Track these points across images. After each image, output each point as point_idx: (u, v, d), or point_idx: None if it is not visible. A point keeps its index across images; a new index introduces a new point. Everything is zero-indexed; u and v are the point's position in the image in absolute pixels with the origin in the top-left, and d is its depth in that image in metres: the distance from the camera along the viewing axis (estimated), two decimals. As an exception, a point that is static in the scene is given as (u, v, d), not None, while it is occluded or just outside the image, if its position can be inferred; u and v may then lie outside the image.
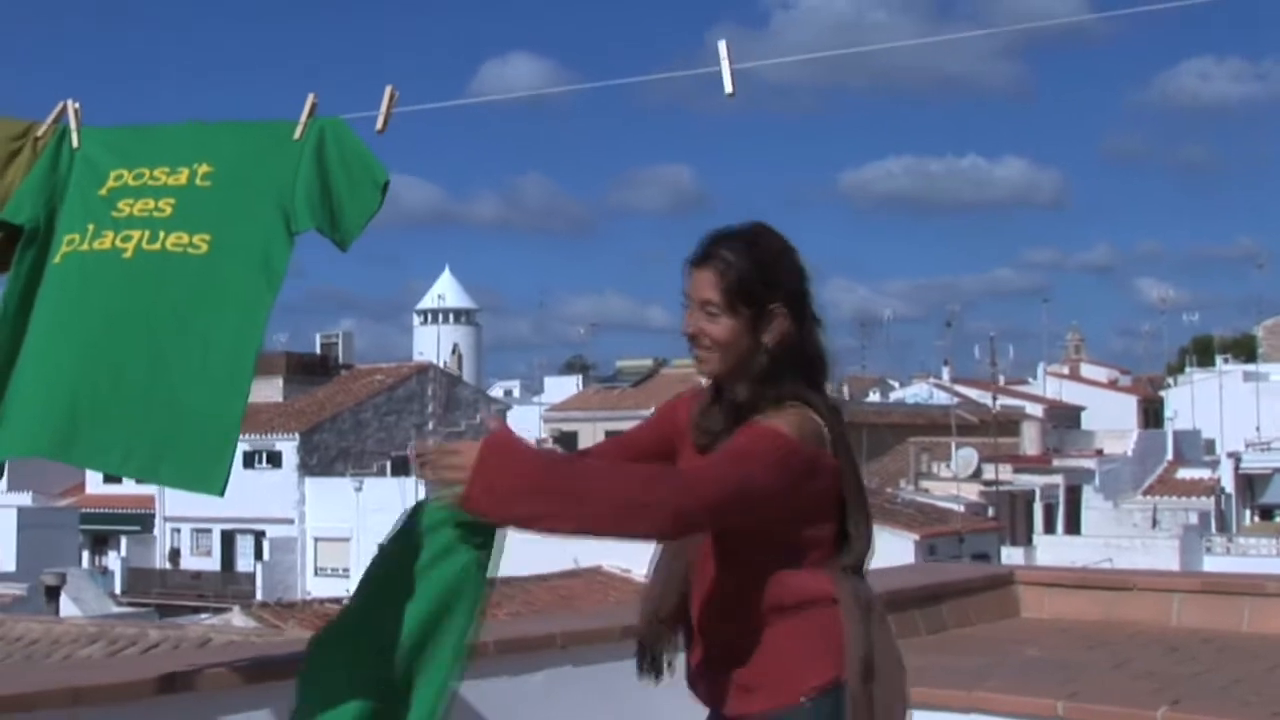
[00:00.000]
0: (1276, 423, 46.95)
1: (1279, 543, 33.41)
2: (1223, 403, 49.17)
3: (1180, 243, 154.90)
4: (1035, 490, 42.38)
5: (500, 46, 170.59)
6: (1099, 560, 26.75)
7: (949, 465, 42.62)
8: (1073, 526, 40.43)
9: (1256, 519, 42.67)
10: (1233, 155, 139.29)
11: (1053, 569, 7.61)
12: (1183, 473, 44.91)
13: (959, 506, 36.21)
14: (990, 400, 46.78)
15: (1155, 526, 37.47)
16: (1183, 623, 5.71)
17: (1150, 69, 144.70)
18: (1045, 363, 65.52)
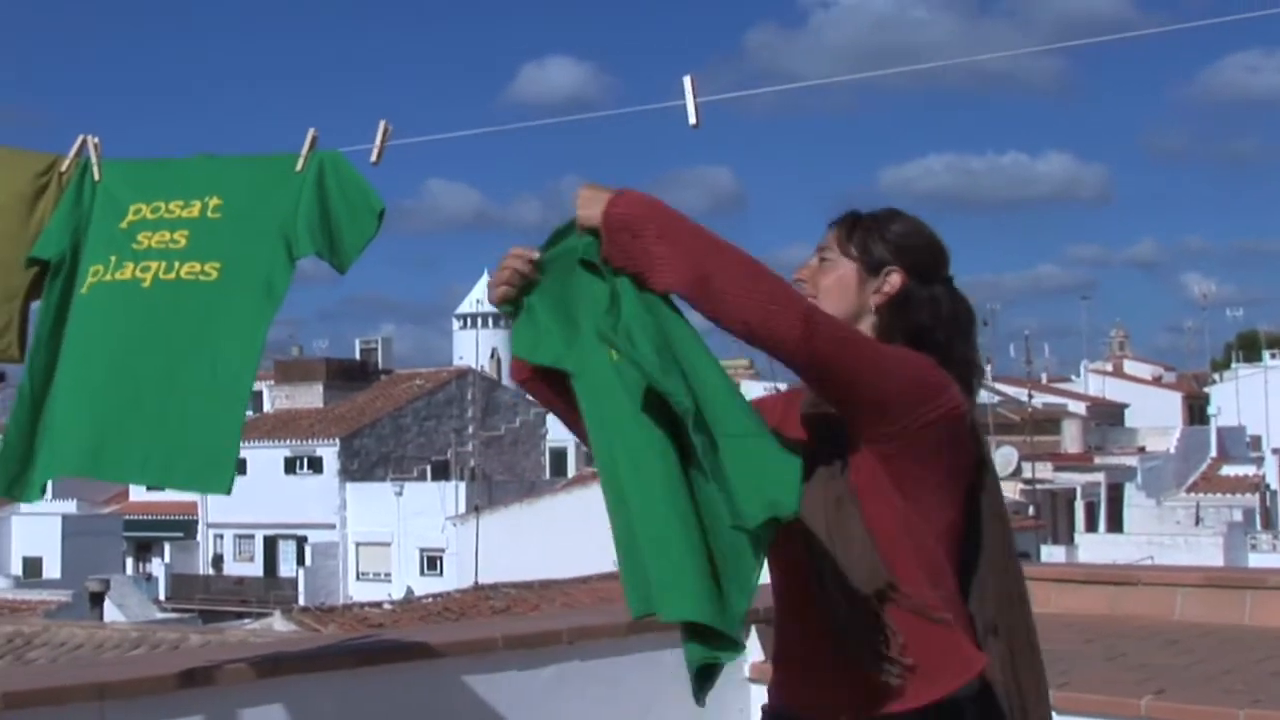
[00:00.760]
0: (1323, 418, 46.43)
1: (1324, 539, 33.10)
2: (1269, 398, 48.62)
3: (1226, 237, 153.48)
4: (1076, 488, 42.13)
5: (538, 50, 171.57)
6: (1141, 558, 26.62)
7: (988, 464, 42.37)
8: (1115, 524, 40.10)
9: (1302, 515, 42.23)
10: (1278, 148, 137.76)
11: (1059, 565, 7.72)
12: (1227, 469, 44.41)
13: (999, 505, 35.99)
14: (1028, 398, 46.55)
15: (1199, 524, 37.16)
16: (1185, 616, 5.80)
17: (1195, 63, 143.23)
18: (1088, 360, 65.13)
